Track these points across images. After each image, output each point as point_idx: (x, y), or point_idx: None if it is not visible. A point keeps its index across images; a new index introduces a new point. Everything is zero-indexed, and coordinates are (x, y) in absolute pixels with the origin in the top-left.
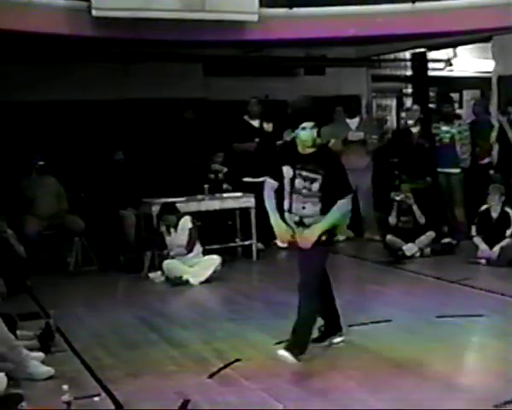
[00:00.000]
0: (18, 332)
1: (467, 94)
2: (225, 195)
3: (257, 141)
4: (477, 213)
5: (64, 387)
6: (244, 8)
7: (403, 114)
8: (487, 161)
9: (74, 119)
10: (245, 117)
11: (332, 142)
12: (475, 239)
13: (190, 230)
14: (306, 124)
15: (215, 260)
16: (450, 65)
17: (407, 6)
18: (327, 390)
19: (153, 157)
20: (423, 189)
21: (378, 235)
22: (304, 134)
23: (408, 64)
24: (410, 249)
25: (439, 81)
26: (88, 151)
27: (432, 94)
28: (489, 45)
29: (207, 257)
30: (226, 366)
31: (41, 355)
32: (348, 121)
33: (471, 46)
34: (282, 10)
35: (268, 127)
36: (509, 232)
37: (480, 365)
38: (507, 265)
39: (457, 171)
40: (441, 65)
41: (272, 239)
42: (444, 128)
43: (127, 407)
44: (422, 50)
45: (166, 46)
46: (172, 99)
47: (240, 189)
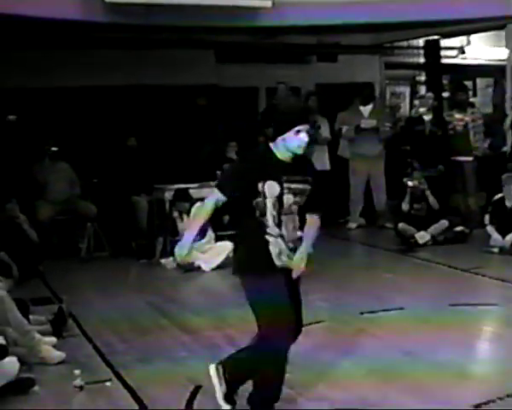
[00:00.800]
0: (30, 317)
1: (480, 82)
2: None
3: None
4: (491, 201)
5: (76, 372)
6: None
7: (416, 102)
8: (505, 150)
9: (87, 105)
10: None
11: (344, 129)
12: (488, 228)
13: None
14: (302, 127)
15: (227, 246)
16: (463, 53)
17: None
18: (338, 378)
19: (165, 143)
20: (436, 177)
21: (390, 222)
22: (299, 142)
23: (421, 52)
24: (423, 237)
25: (453, 69)
26: (101, 137)
27: (445, 82)
28: (503, 33)
29: (220, 243)
30: None
31: (53, 340)
32: (361, 108)
33: (485, 34)
34: None
35: None
36: None
37: (493, 354)
38: None
39: (470, 159)
40: (454, 53)
41: None
42: (457, 116)
43: (139, 393)
44: (436, 38)
45: (179, 32)
46: (184, 85)
47: None
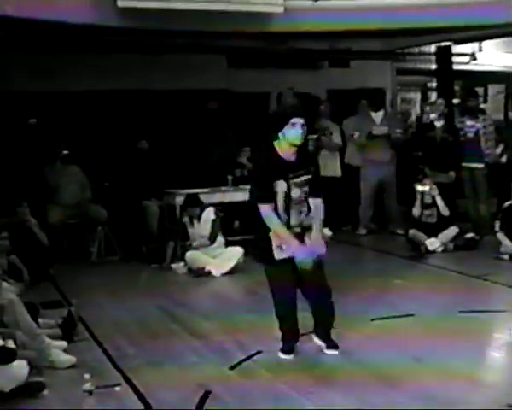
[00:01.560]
0: (40, 320)
1: (492, 88)
2: (249, 186)
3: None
4: (501, 209)
5: (85, 376)
6: None
7: (427, 108)
8: None
9: (99, 108)
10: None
11: (356, 135)
12: (499, 235)
13: (213, 221)
14: (296, 120)
15: (238, 251)
16: (474, 59)
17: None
18: (348, 384)
19: (176, 148)
20: (447, 183)
21: (401, 229)
22: (295, 132)
23: (433, 58)
24: (433, 244)
25: (464, 75)
26: (112, 141)
27: (456, 88)
28: None
29: (230, 248)
30: (248, 358)
31: (63, 344)
32: (373, 115)
33: (497, 40)
34: (308, 2)
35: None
36: None
37: (504, 361)
38: None
39: (482, 166)
40: (466, 59)
41: None
42: (468, 123)
43: (148, 397)
44: (447, 44)
45: (191, 37)
46: (196, 90)
47: None
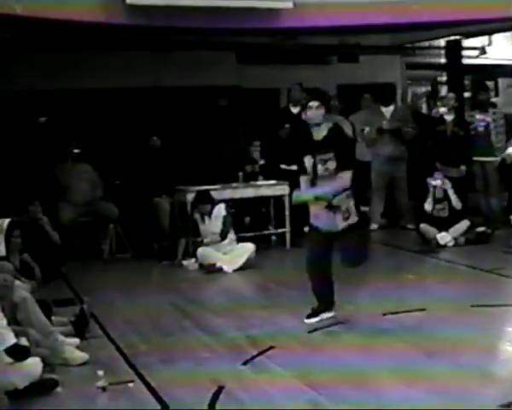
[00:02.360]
0: (53, 318)
1: (502, 82)
2: (259, 183)
3: (287, 126)
4: None
5: (99, 373)
6: None
7: (437, 103)
8: None
9: (110, 106)
10: (289, 104)
11: (366, 130)
12: None
13: (224, 217)
14: (312, 103)
15: (249, 247)
16: (484, 53)
17: None
18: (360, 379)
19: (187, 145)
20: (458, 177)
21: (412, 223)
22: (309, 112)
23: (442, 52)
24: (444, 238)
25: (474, 69)
26: (123, 139)
27: (466, 82)
28: None
29: (241, 245)
30: (260, 354)
31: (76, 341)
32: (383, 109)
33: (507, 34)
34: None
35: None
36: None
37: None
38: None
39: (493, 159)
40: (476, 53)
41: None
42: (479, 117)
43: (161, 394)
44: (457, 38)
45: (200, 34)
46: (206, 87)
47: (274, 177)
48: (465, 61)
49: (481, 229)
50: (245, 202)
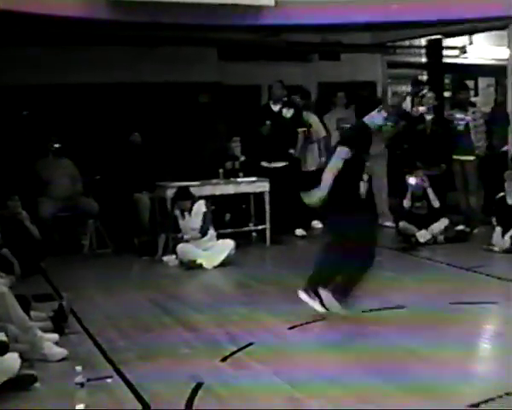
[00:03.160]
0: (32, 313)
1: (482, 81)
2: (240, 179)
3: (268, 123)
4: (494, 201)
5: (77, 368)
6: None
7: (416, 101)
8: (506, 149)
9: (90, 102)
10: (270, 102)
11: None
12: (498, 230)
13: (204, 214)
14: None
15: (229, 244)
16: (465, 52)
17: None
18: (339, 375)
19: (167, 140)
20: (437, 175)
21: (391, 221)
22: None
23: (423, 51)
24: (424, 236)
25: (455, 68)
26: (103, 134)
27: (447, 81)
28: (505, 33)
29: (221, 241)
30: (239, 350)
31: (55, 337)
32: None
33: (487, 33)
34: None
35: (286, 113)
36: None
37: (494, 352)
38: None
39: (472, 158)
40: (456, 52)
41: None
42: (458, 115)
43: (140, 390)
44: (438, 37)
45: (182, 30)
46: (187, 83)
47: (254, 175)
48: (445, 61)
49: (460, 227)
50: (225, 199)
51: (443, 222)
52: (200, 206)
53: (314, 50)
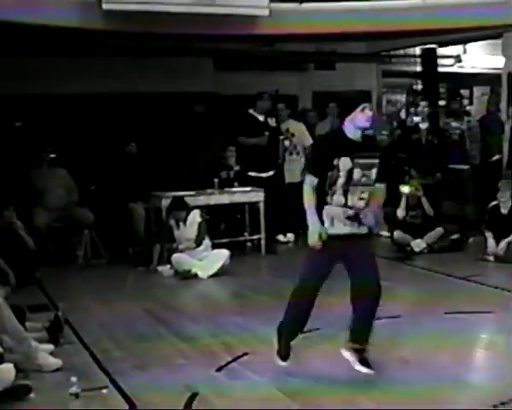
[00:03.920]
0: (27, 324)
1: (477, 90)
2: (234, 189)
3: (267, 134)
4: (486, 210)
5: (72, 379)
6: (255, 2)
7: (411, 110)
8: (497, 158)
9: (85, 112)
10: (250, 111)
11: None
12: (487, 234)
13: (199, 224)
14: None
15: (224, 254)
16: (459, 61)
17: (418, 2)
18: (335, 384)
19: (163, 150)
20: (432, 184)
21: (386, 230)
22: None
23: (418, 60)
24: (419, 245)
25: (449, 77)
26: (99, 144)
27: (442, 90)
28: (499, 42)
29: (216, 251)
30: (234, 360)
31: (50, 347)
32: None
33: (481, 42)
34: (293, 5)
35: (272, 122)
36: None
37: (489, 361)
38: None
39: (467, 167)
40: (451, 61)
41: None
42: (453, 124)
43: (135, 400)
44: (432, 46)
45: (177, 40)
46: (183, 93)
47: (248, 184)
48: (440, 70)
49: (455, 236)
50: (220, 209)
51: (438, 231)
52: (195, 216)
53: (309, 60)
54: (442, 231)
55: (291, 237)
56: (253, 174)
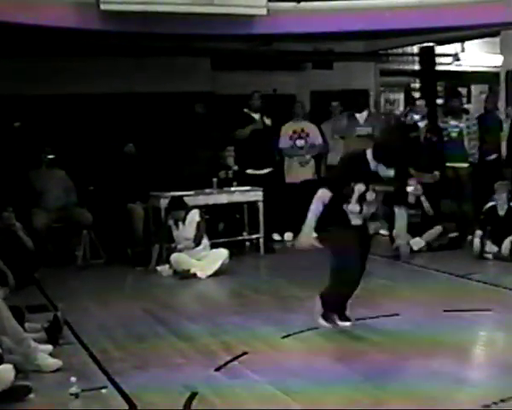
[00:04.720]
0: (26, 325)
1: (475, 89)
2: (233, 189)
3: (250, 128)
4: (482, 211)
5: (72, 379)
6: (253, 1)
7: (408, 109)
8: (495, 157)
9: (84, 112)
10: (245, 110)
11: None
12: (478, 232)
13: (198, 223)
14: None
15: (223, 253)
16: (457, 59)
17: (415, 0)
18: (335, 383)
19: (161, 150)
20: (431, 183)
21: (385, 229)
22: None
23: (416, 59)
24: (418, 244)
25: (447, 76)
26: (97, 145)
27: (440, 88)
28: (497, 40)
29: (215, 251)
30: (233, 359)
31: (49, 348)
32: (356, 115)
33: (479, 40)
34: (291, 4)
35: (268, 121)
36: None
37: (488, 359)
38: None
39: (466, 165)
40: (449, 59)
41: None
42: (452, 123)
43: (135, 400)
44: (430, 45)
45: (175, 40)
46: (181, 93)
47: (246, 183)
48: (438, 68)
49: (454, 234)
50: (219, 208)
51: (437, 229)
52: (193, 215)
53: (306, 59)
54: (441, 230)
55: (290, 237)
56: (251, 172)
